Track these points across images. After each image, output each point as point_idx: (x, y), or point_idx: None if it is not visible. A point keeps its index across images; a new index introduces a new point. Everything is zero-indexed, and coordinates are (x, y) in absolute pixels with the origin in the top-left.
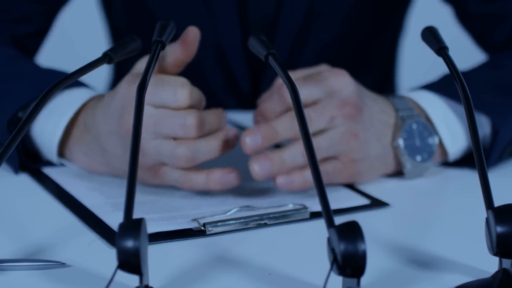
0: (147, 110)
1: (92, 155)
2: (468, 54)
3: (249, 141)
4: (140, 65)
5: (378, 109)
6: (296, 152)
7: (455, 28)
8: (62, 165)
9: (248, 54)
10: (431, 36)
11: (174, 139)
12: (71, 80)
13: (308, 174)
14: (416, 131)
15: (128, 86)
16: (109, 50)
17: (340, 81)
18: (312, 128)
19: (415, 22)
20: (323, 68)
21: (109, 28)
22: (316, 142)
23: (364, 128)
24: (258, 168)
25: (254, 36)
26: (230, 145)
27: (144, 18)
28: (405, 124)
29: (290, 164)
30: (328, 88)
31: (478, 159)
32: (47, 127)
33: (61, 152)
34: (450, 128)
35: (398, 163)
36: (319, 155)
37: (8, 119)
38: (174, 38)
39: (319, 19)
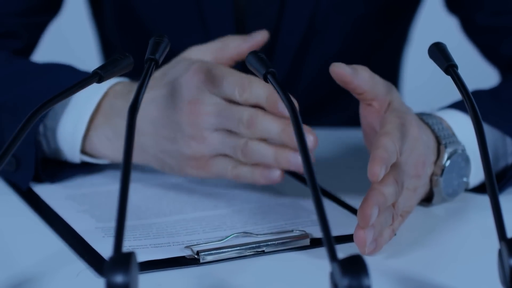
0: (212, 99)
1: (118, 140)
2: (473, 66)
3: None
4: (193, 54)
5: (426, 150)
6: (388, 215)
7: (459, 39)
8: (83, 165)
9: (247, 70)
10: (439, 53)
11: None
12: (59, 100)
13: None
14: (456, 165)
15: (194, 75)
16: (99, 68)
17: (416, 137)
18: (411, 185)
19: (419, 33)
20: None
21: (101, 43)
22: (400, 198)
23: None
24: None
25: (252, 53)
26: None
27: (138, 32)
28: (449, 160)
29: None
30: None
31: (490, 189)
32: (67, 123)
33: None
34: (477, 158)
35: (429, 192)
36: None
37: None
38: (169, 54)
39: (320, 33)
